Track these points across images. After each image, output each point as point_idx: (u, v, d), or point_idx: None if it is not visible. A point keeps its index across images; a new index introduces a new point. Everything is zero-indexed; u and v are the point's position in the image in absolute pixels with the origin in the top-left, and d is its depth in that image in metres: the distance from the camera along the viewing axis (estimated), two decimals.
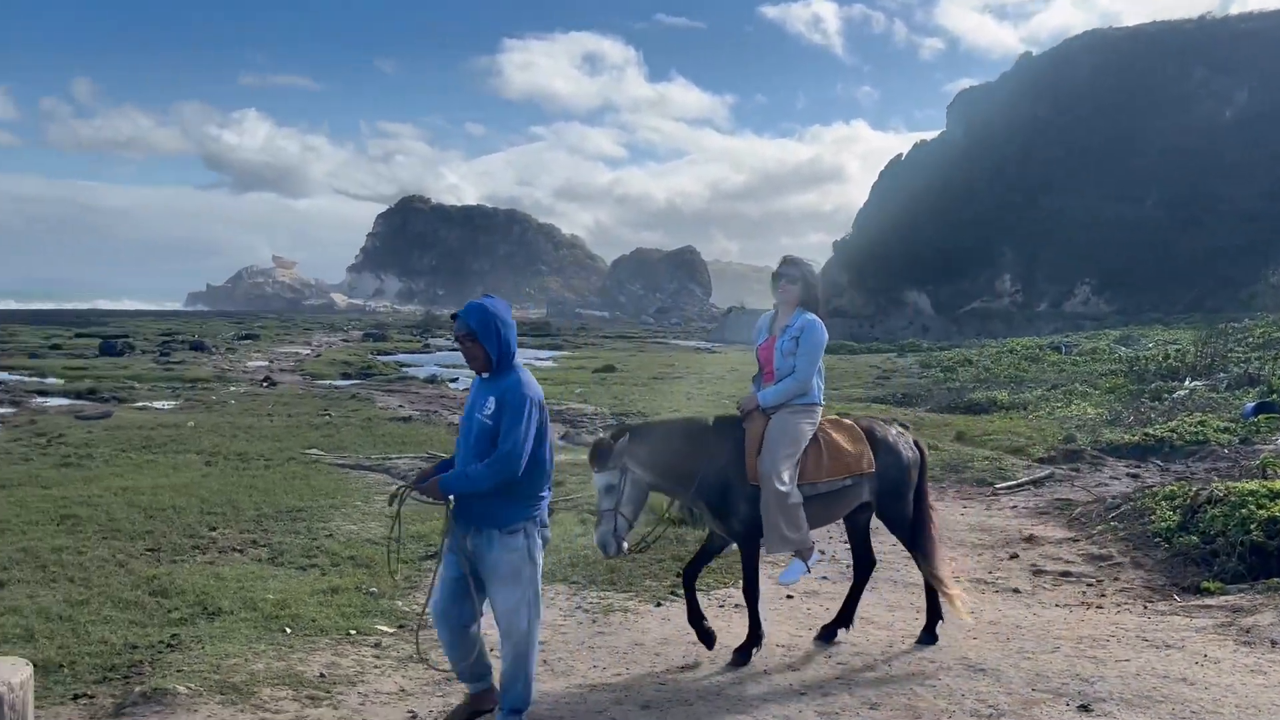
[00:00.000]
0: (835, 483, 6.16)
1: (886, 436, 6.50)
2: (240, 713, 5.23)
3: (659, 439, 6.04)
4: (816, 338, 6.14)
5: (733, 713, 5.38)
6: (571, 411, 22.20)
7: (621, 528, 5.77)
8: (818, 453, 6.12)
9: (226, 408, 20.60)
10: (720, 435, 6.10)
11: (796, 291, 6.25)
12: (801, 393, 6.10)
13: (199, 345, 42.27)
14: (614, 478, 5.79)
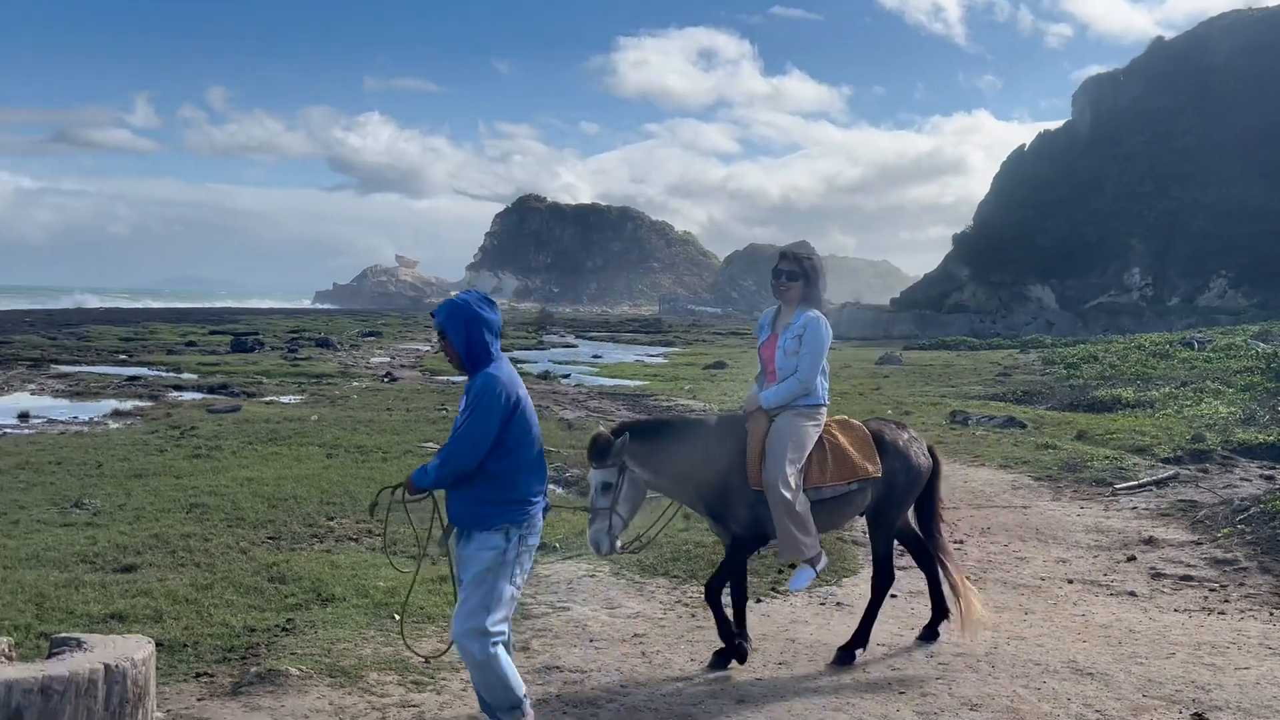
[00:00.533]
0: (840, 488, 5.94)
1: (896, 441, 6.26)
2: (348, 695, 5.44)
3: (660, 437, 5.87)
4: (819, 336, 5.92)
5: (829, 709, 5.36)
6: (679, 408, 22.28)
7: (616, 526, 5.63)
8: (822, 457, 5.91)
9: (349, 402, 21.28)
10: (722, 436, 5.92)
11: (798, 288, 6.03)
12: (804, 393, 5.87)
13: (325, 342, 43.75)
14: (611, 475, 5.63)
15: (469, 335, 4.72)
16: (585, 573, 8.05)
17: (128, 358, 33.93)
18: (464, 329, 4.72)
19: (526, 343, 53.50)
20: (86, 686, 3.97)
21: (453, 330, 4.74)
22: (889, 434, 6.29)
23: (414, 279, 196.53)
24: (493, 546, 4.62)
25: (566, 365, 36.04)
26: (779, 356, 5.99)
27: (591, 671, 5.90)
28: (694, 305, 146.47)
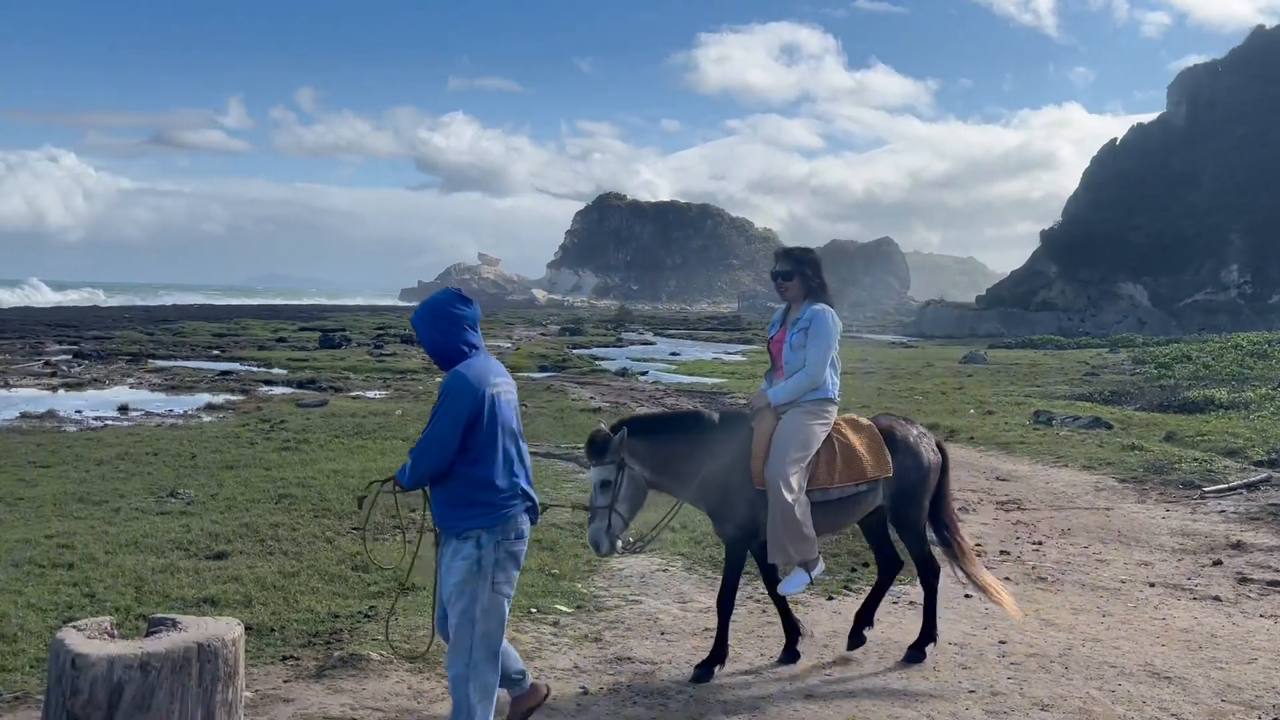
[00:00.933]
0: (848, 489, 5.77)
1: (906, 438, 6.11)
2: (426, 680, 5.62)
3: (660, 434, 5.74)
4: (826, 328, 5.74)
5: (897, 705, 5.38)
6: None
7: (616, 525, 5.50)
8: (831, 456, 5.72)
9: (430, 397, 21.71)
10: (726, 434, 5.74)
11: (796, 287, 5.87)
12: (813, 388, 5.69)
13: (409, 339, 44.56)
14: (610, 473, 5.51)
15: (436, 333, 4.59)
16: (658, 567, 8.15)
17: (221, 353, 35.05)
18: (432, 327, 4.60)
19: (605, 340, 53.82)
20: (181, 664, 4.19)
21: (421, 329, 4.65)
22: (899, 431, 6.13)
23: (496, 277, 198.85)
24: (465, 556, 4.48)
25: (644, 363, 36.24)
26: (786, 351, 5.84)
27: (662, 663, 6.00)
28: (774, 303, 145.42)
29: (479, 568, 4.46)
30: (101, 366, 28.20)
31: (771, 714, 5.27)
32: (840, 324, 5.87)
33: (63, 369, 27.12)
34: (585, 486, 11.67)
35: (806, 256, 6.01)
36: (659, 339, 59.60)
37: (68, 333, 43.58)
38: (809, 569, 5.71)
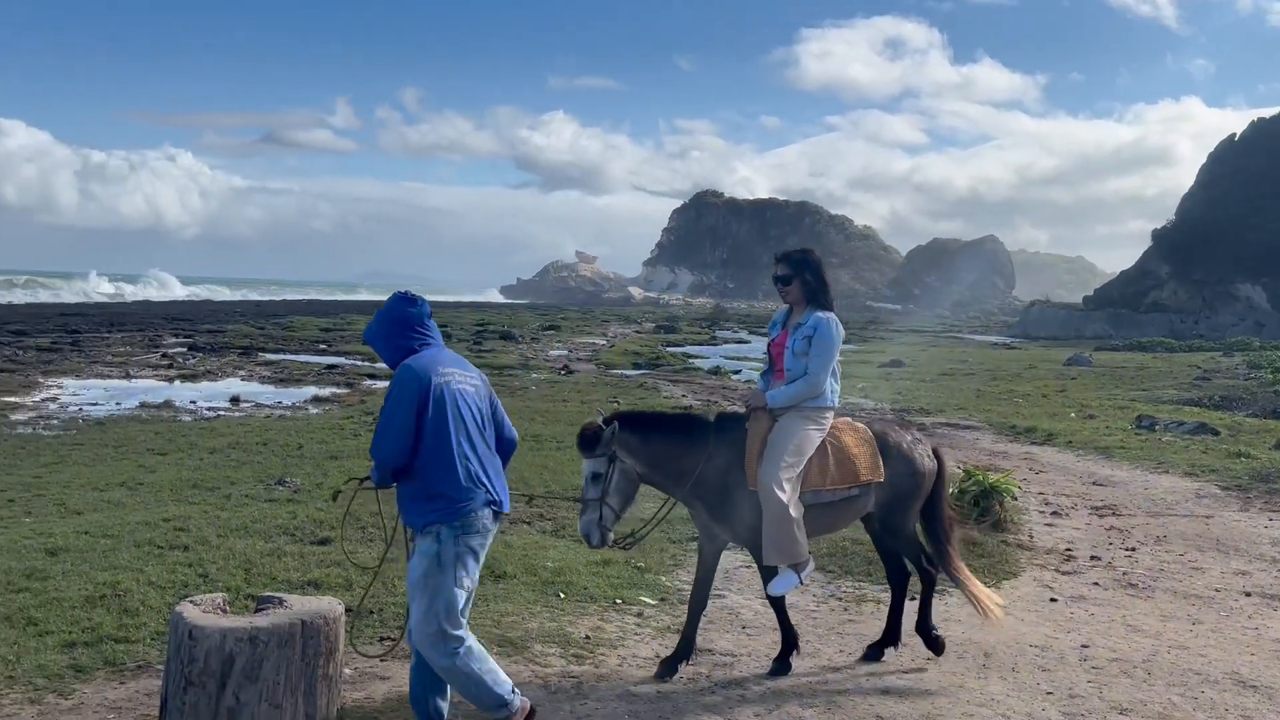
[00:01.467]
0: (840, 491, 5.76)
1: (900, 443, 6.05)
2: (514, 664, 5.87)
3: (652, 429, 5.73)
4: (830, 338, 5.70)
5: (973, 704, 5.43)
6: (849, 406, 22.17)
7: (607, 518, 5.52)
8: (824, 459, 5.70)
9: (527, 393, 22.16)
10: (722, 433, 5.76)
11: (796, 291, 5.85)
12: (813, 395, 5.67)
13: (507, 335, 45.47)
14: (601, 465, 5.52)
15: (380, 338, 4.71)
16: (742, 563, 8.28)
17: (327, 347, 36.24)
18: (376, 334, 4.72)
19: (699, 338, 53.96)
20: (286, 638, 4.52)
21: (369, 337, 4.77)
22: (893, 436, 6.08)
23: (593, 274, 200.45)
24: (425, 553, 4.50)
25: (738, 361, 36.26)
26: (787, 357, 5.80)
27: (742, 656, 6.14)
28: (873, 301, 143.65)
29: (440, 563, 4.47)
30: (215, 359, 29.44)
31: (846, 708, 5.38)
32: (843, 332, 5.86)
33: (179, 361, 28.41)
34: None
35: (806, 259, 5.94)
36: (754, 337, 59.42)
37: (183, 326, 45.54)
38: (799, 570, 5.66)
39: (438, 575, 4.47)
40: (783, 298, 5.97)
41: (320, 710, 4.67)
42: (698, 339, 53.65)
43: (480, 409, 4.70)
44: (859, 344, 52.42)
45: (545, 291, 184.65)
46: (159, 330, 42.07)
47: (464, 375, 4.69)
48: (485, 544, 4.62)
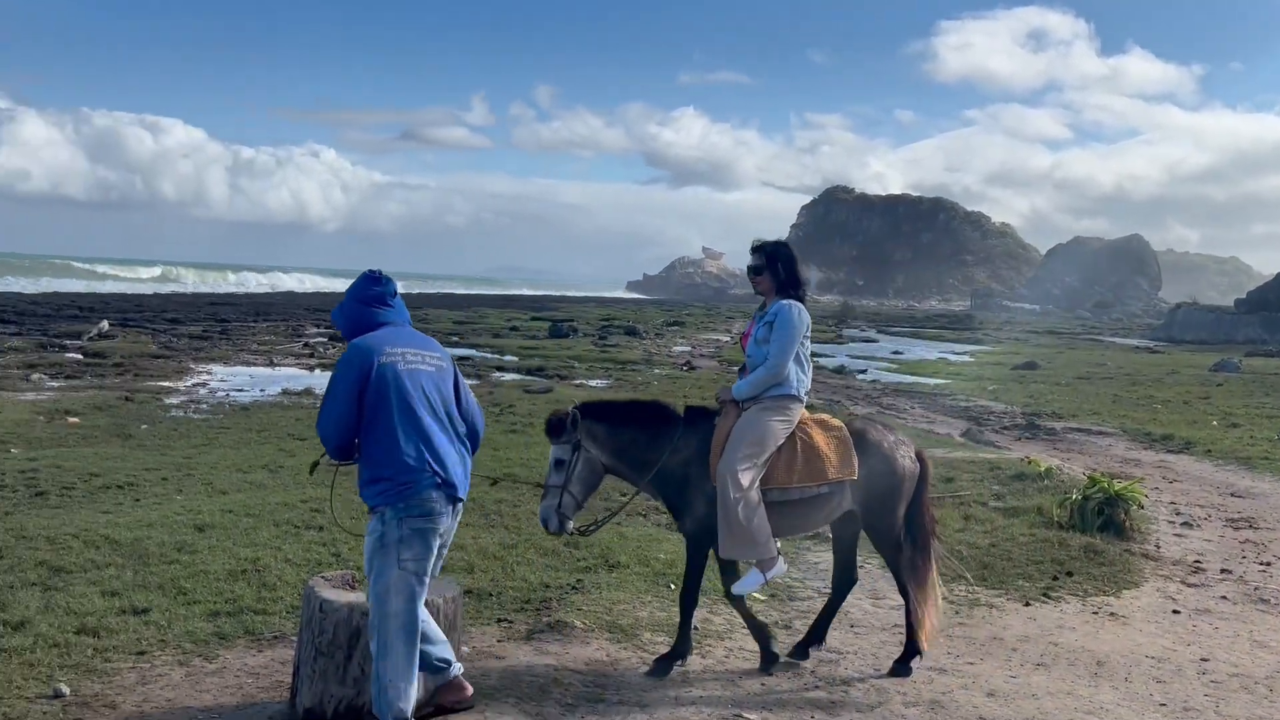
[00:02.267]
0: (809, 489, 5.58)
1: (880, 443, 5.85)
2: (623, 649, 6.07)
3: (620, 419, 5.73)
4: (790, 322, 5.62)
5: (1081, 711, 5.38)
6: (978, 408, 21.71)
7: (567, 505, 5.54)
8: (791, 455, 5.57)
9: (649, 388, 22.42)
10: (689, 427, 5.71)
11: (766, 281, 5.81)
12: (775, 382, 5.59)
13: (632, 330, 45.90)
14: (565, 452, 5.55)
15: (342, 315, 4.79)
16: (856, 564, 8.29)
17: (459, 339, 37.27)
18: (340, 310, 4.80)
19: (824, 336, 53.34)
20: None
21: (335, 315, 4.85)
22: (871, 435, 5.89)
23: (719, 270, 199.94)
24: (371, 532, 4.56)
25: (864, 360, 35.80)
26: (750, 345, 5.80)
27: (848, 654, 6.20)
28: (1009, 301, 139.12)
29: (382, 544, 4.50)
30: None
31: (950, 708, 5.39)
32: (808, 319, 5.76)
33: (319, 350, 29.69)
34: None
35: (778, 250, 5.90)
36: (882, 336, 58.51)
37: (324, 317, 47.46)
38: (764, 569, 5.59)
39: (380, 556, 4.51)
40: (755, 288, 5.95)
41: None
42: (824, 337, 52.95)
43: (440, 389, 4.68)
44: (992, 345, 51.08)
45: (671, 288, 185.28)
46: (301, 320, 43.99)
47: (419, 355, 4.67)
48: (436, 528, 4.58)
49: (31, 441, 12.91)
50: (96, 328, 32.77)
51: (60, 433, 13.82)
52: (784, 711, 5.28)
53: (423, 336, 4.84)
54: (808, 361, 5.80)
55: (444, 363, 4.77)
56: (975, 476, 12.01)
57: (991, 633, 6.67)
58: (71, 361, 23.90)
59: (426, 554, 4.56)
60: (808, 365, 5.79)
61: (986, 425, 18.94)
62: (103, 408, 16.19)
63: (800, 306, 5.73)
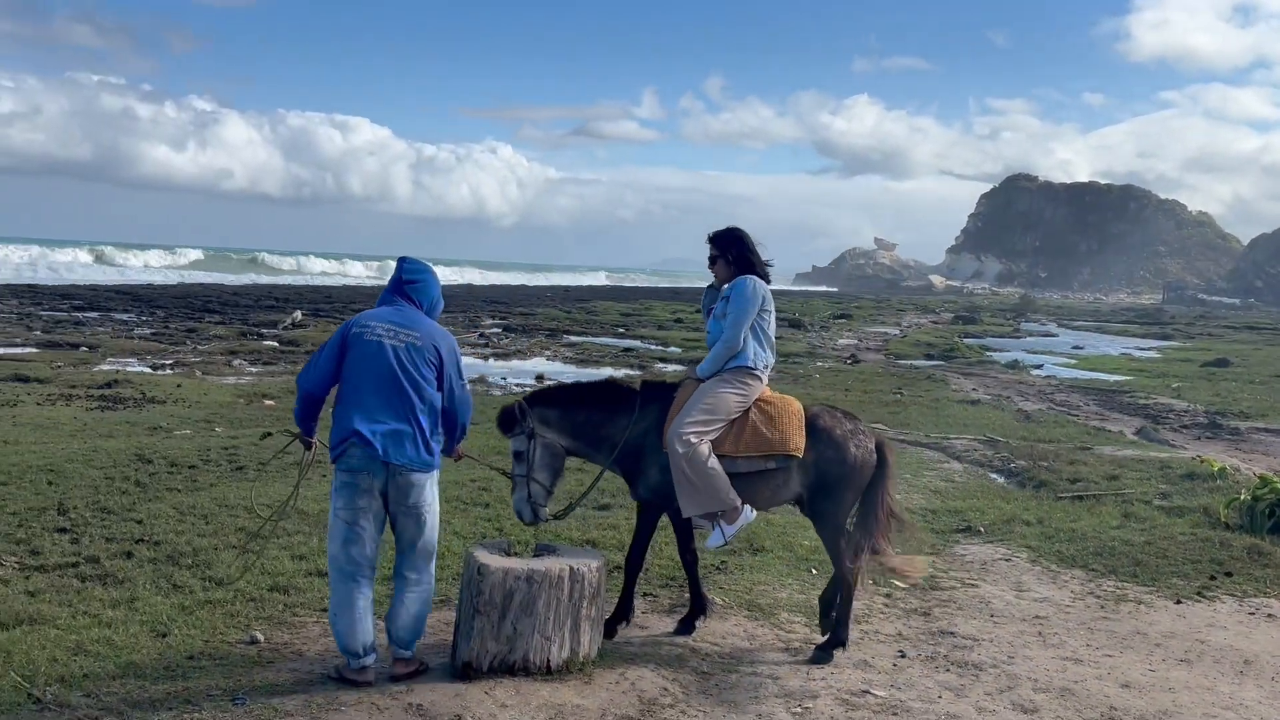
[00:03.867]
0: (755, 463, 5.67)
1: (832, 429, 5.82)
2: (760, 627, 6.35)
3: (570, 402, 5.91)
4: (744, 296, 5.75)
5: (1217, 707, 5.34)
6: (1158, 406, 20.80)
7: (536, 494, 5.70)
8: (740, 428, 5.68)
9: (810, 381, 22.47)
10: (646, 402, 5.86)
11: (722, 269, 5.99)
12: (731, 354, 5.76)
13: (796, 323, 45.72)
14: (521, 444, 5.71)
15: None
16: (1001, 556, 8.31)
17: (625, 331, 38.10)
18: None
19: (1000, 330, 51.73)
20: (557, 580, 5.24)
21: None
22: (825, 420, 5.89)
23: (892, 262, 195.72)
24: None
25: (1041, 355, 34.61)
26: (710, 322, 5.98)
27: (983, 641, 6.29)
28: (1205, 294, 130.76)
29: (332, 493, 5.16)
30: (525, 340, 31.86)
31: (1081, 696, 5.44)
32: (763, 291, 5.85)
33: (494, 341, 31.00)
34: (948, 475, 11.89)
35: (728, 237, 6.04)
36: (1062, 330, 56.19)
37: (499, 308, 49.29)
38: (729, 521, 5.66)
39: (331, 502, 5.19)
40: (715, 278, 6.10)
41: (583, 646, 5.37)
42: (999, 330, 51.40)
43: (406, 362, 5.07)
44: (1183, 340, 48.36)
45: (841, 279, 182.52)
46: (478, 312, 45.82)
47: (392, 330, 5.12)
48: (358, 484, 5.05)
49: (233, 421, 14.14)
50: (291, 317, 35.15)
51: (258, 414, 15.05)
52: (913, 690, 5.45)
53: (413, 316, 5.23)
54: (767, 337, 5.92)
55: (419, 341, 5.13)
56: (1142, 475, 11.68)
57: (1135, 627, 6.61)
58: (268, 348, 25.80)
59: (351, 504, 5.07)
60: (767, 341, 5.92)
61: (1164, 424, 18.17)
62: (296, 392, 17.51)
63: (756, 280, 5.89)
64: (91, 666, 5.16)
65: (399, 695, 5.02)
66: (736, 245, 6.03)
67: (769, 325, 5.93)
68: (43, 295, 41.78)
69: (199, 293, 50.44)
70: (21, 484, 9.12)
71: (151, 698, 4.86)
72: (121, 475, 9.66)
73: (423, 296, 5.33)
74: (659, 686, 5.30)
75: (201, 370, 20.68)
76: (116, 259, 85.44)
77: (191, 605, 6.18)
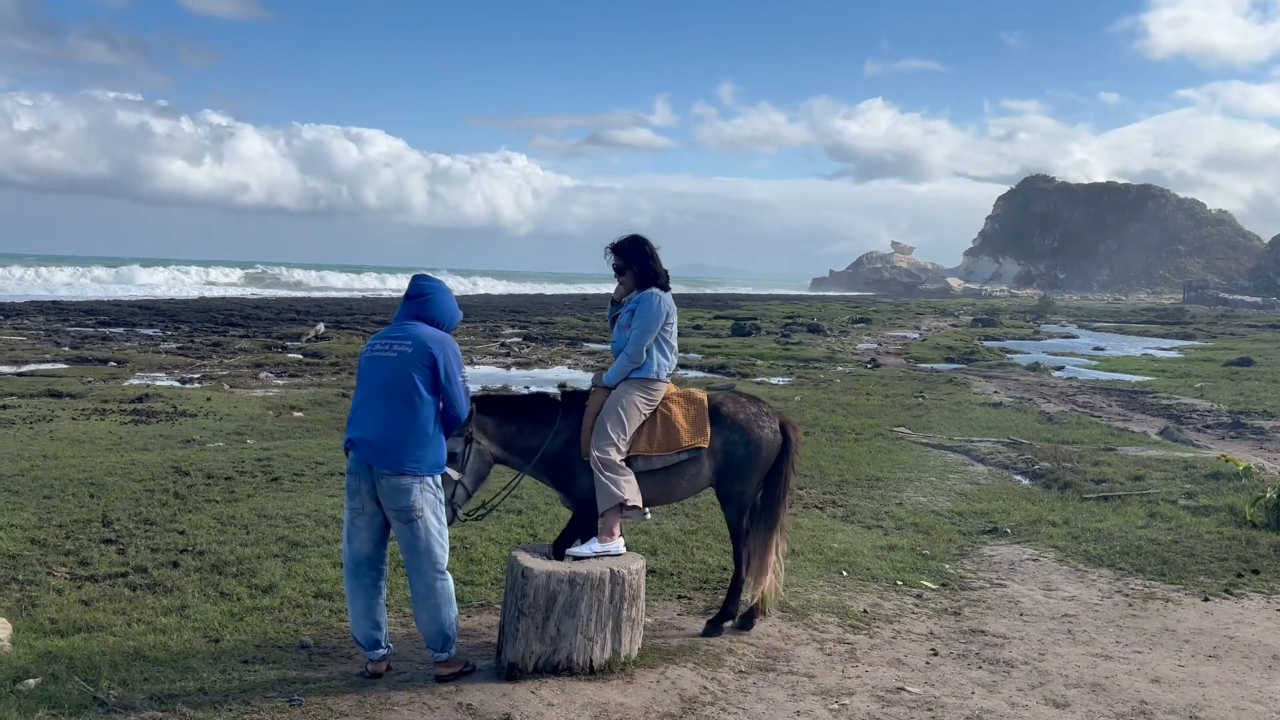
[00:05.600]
0: (669, 458, 6.05)
1: (735, 414, 6.23)
2: (794, 627, 6.49)
3: (506, 412, 6.11)
4: (649, 310, 6.06)
5: (1247, 700, 5.43)
6: (1181, 406, 20.79)
7: (459, 496, 5.87)
8: (652, 428, 6.05)
9: (831, 385, 22.56)
10: (566, 411, 6.12)
11: (629, 280, 6.25)
12: (635, 365, 6.07)
13: (815, 328, 45.77)
14: (458, 445, 5.86)
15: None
16: (1029, 557, 8.41)
17: None
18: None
19: (1020, 332, 51.62)
20: (598, 582, 5.40)
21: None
22: (729, 406, 6.28)
23: (909, 265, 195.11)
24: None
25: (1062, 357, 34.56)
26: (615, 333, 6.26)
27: (1013, 639, 6.41)
28: (1226, 293, 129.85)
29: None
30: (545, 348, 32.03)
31: (1112, 691, 5.55)
32: (668, 306, 6.17)
33: (514, 350, 31.19)
34: (973, 478, 11.98)
35: (631, 249, 6.23)
36: (1082, 332, 56.01)
37: (519, 318, 49.52)
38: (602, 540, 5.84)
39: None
40: (620, 287, 6.34)
41: (624, 646, 5.52)
42: (1019, 333, 51.29)
43: (397, 370, 5.33)
44: (1204, 340, 48.13)
45: (859, 283, 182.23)
46: (498, 321, 46.09)
47: (387, 344, 5.43)
48: (349, 483, 5.40)
49: (264, 434, 14.35)
50: (313, 330, 35.44)
51: (287, 426, 15.27)
52: (946, 687, 5.57)
53: (408, 327, 5.48)
54: (670, 346, 6.23)
55: (409, 348, 5.37)
56: (1167, 475, 11.74)
57: (1164, 625, 6.71)
58: (293, 361, 26.05)
59: (349, 501, 5.41)
60: (670, 350, 6.23)
61: (1188, 424, 18.18)
62: (323, 403, 17.72)
63: (660, 295, 6.19)
64: (151, 670, 5.35)
65: (449, 695, 5.18)
66: (639, 259, 6.25)
67: (672, 335, 6.26)
68: (68, 311, 42.26)
69: (221, 306, 50.91)
70: (65, 497, 9.34)
71: (211, 700, 5.04)
72: (160, 487, 9.87)
73: (432, 309, 5.55)
74: (699, 685, 5.45)
75: (229, 383, 20.94)
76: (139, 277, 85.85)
77: (240, 612, 6.36)
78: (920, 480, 11.67)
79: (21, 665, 5.34)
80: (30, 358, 24.27)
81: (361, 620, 5.40)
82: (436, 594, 5.39)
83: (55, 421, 14.67)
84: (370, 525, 5.37)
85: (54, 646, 5.64)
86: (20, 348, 26.45)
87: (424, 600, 5.38)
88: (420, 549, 5.34)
